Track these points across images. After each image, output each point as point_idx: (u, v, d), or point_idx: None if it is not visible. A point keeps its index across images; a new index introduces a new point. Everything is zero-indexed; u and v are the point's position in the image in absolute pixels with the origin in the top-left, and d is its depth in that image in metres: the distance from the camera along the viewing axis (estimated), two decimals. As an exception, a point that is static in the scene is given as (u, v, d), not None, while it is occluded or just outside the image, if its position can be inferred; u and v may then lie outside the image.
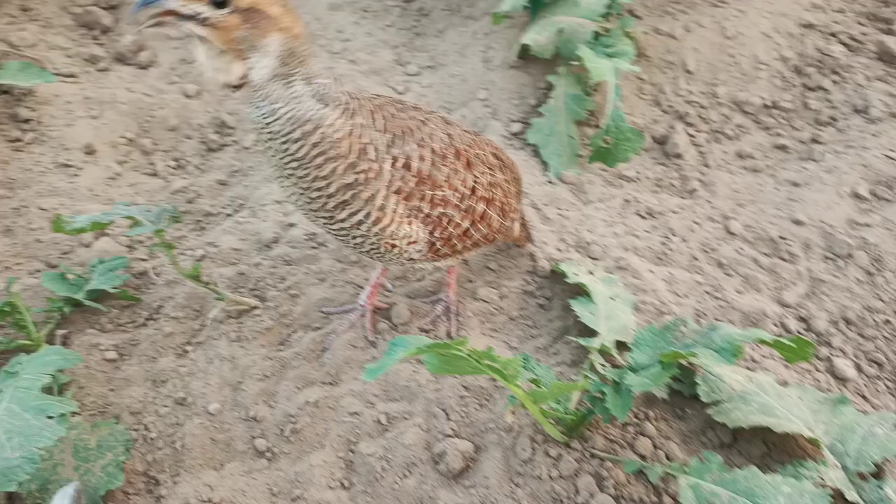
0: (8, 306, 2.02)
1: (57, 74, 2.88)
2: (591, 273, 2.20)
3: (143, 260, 2.42)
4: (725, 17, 2.86)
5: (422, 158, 1.69)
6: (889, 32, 2.92)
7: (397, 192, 1.66)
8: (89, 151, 2.73)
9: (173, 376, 2.06)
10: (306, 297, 2.22)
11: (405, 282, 2.30)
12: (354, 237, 1.70)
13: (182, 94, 2.99)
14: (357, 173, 1.59)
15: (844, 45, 2.91)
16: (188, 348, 2.15)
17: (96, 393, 2.02)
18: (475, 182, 1.82)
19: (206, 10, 1.36)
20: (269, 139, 1.57)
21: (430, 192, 1.71)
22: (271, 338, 2.15)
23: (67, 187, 2.60)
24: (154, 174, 2.78)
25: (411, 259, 1.81)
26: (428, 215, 1.73)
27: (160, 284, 2.32)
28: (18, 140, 2.73)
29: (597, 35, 2.58)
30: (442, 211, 1.75)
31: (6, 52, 2.89)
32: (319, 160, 1.56)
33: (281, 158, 1.58)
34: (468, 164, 1.81)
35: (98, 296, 2.22)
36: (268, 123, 1.54)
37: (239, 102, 3.02)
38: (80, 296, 2.17)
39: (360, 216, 1.64)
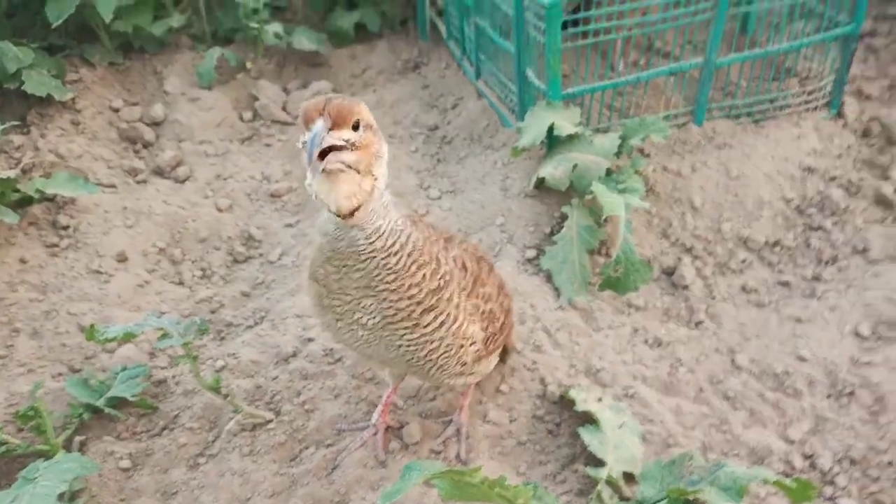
0: (32, 411, 2.09)
1: (98, 185, 3.06)
2: (600, 400, 2.25)
3: (164, 368, 2.49)
4: (730, 158, 3.03)
5: (469, 260, 1.85)
6: (885, 178, 3.07)
7: (463, 289, 1.80)
8: (121, 259, 2.86)
9: (184, 489, 2.09)
10: (320, 413, 2.27)
11: (417, 401, 2.35)
12: (432, 342, 1.76)
13: (215, 208, 3.15)
14: (440, 278, 1.71)
15: (844, 188, 3.06)
16: (200, 460, 2.18)
17: (106, 502, 2.05)
18: (500, 280, 2.02)
19: (353, 135, 1.49)
20: (366, 259, 1.60)
21: (481, 290, 1.86)
22: (283, 453, 2.18)
23: (98, 293, 2.71)
24: (181, 283, 2.90)
25: (464, 363, 1.87)
26: (482, 311, 1.86)
27: (178, 394, 2.38)
28: (55, 245, 2.87)
29: (609, 171, 2.74)
30: (490, 307, 1.89)
31: (54, 163, 3.08)
32: (413, 268, 1.65)
33: (375, 276, 1.63)
34: (490, 268, 1.99)
35: (117, 403, 2.28)
36: (371, 242, 1.59)
37: (267, 217, 3.18)
38: (100, 402, 2.23)
39: (442, 317, 1.74)
